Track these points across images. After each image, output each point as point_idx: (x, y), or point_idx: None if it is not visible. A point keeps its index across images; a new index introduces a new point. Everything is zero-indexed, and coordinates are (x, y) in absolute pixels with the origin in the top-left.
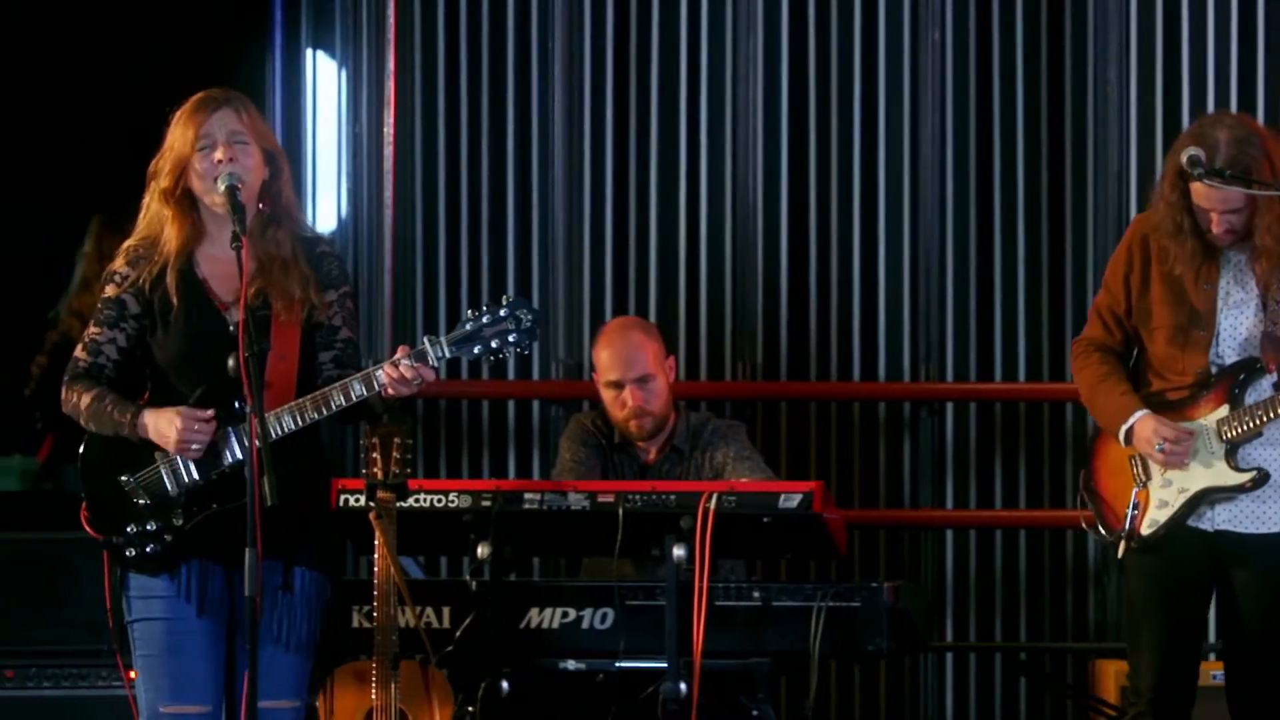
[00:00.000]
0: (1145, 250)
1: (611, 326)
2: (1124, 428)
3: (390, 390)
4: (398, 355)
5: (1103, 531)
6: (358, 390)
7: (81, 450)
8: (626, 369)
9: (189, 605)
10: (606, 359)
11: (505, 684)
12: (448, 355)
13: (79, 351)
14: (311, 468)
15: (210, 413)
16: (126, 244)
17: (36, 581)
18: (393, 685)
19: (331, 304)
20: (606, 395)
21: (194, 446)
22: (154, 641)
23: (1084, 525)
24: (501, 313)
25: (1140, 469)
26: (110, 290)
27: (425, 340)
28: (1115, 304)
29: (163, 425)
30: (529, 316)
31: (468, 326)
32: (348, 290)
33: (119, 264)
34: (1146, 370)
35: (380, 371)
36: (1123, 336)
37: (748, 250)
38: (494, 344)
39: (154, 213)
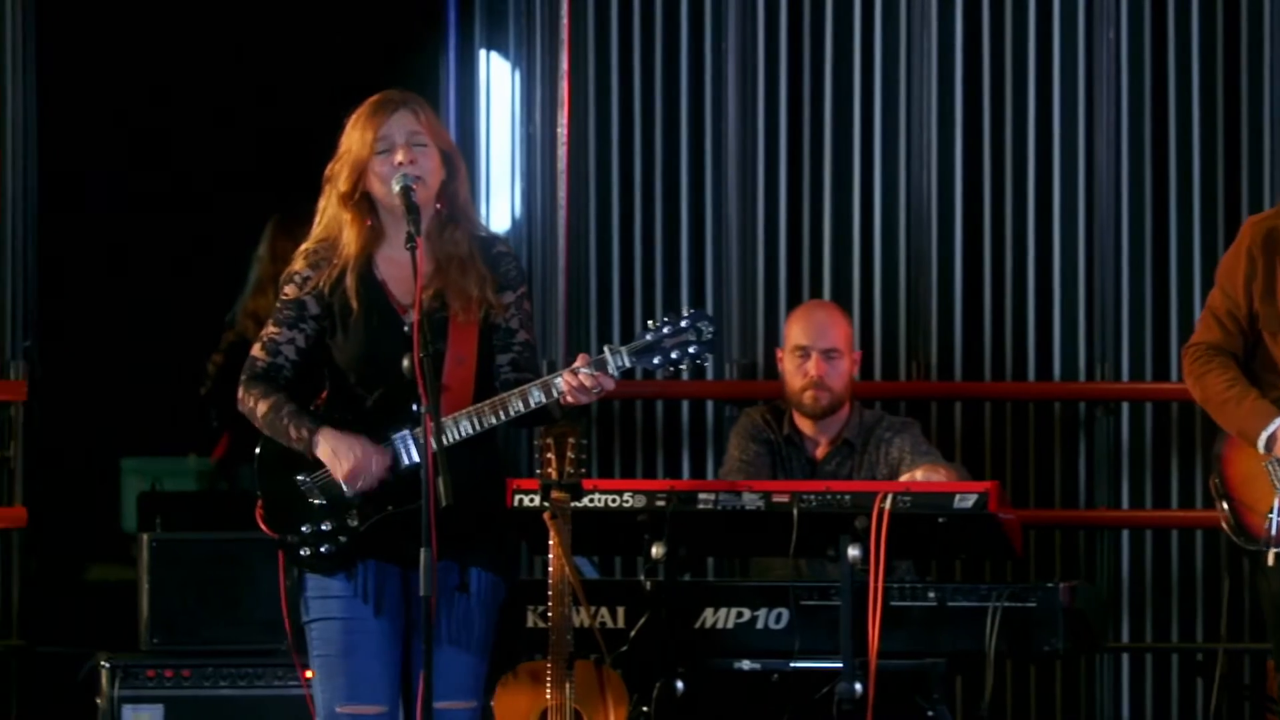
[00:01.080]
0: (1268, 253)
1: (809, 303)
2: (1265, 434)
3: (569, 398)
4: (577, 364)
5: (1242, 538)
6: (536, 397)
7: (258, 450)
8: (817, 337)
9: (365, 605)
10: (799, 327)
11: (680, 684)
12: (627, 365)
13: (257, 351)
14: (487, 468)
15: (389, 460)
16: (304, 246)
17: (213, 581)
18: (567, 685)
19: (509, 305)
20: (790, 363)
21: (360, 485)
22: (331, 641)
23: (1224, 528)
24: (682, 324)
25: (1278, 475)
26: (290, 291)
27: (605, 350)
28: (1235, 308)
29: (342, 450)
30: (709, 328)
31: (648, 337)
32: (524, 291)
33: (299, 265)
34: (1266, 373)
35: (559, 379)
36: (1243, 341)
37: (922, 249)
38: (674, 355)
39: (331, 216)
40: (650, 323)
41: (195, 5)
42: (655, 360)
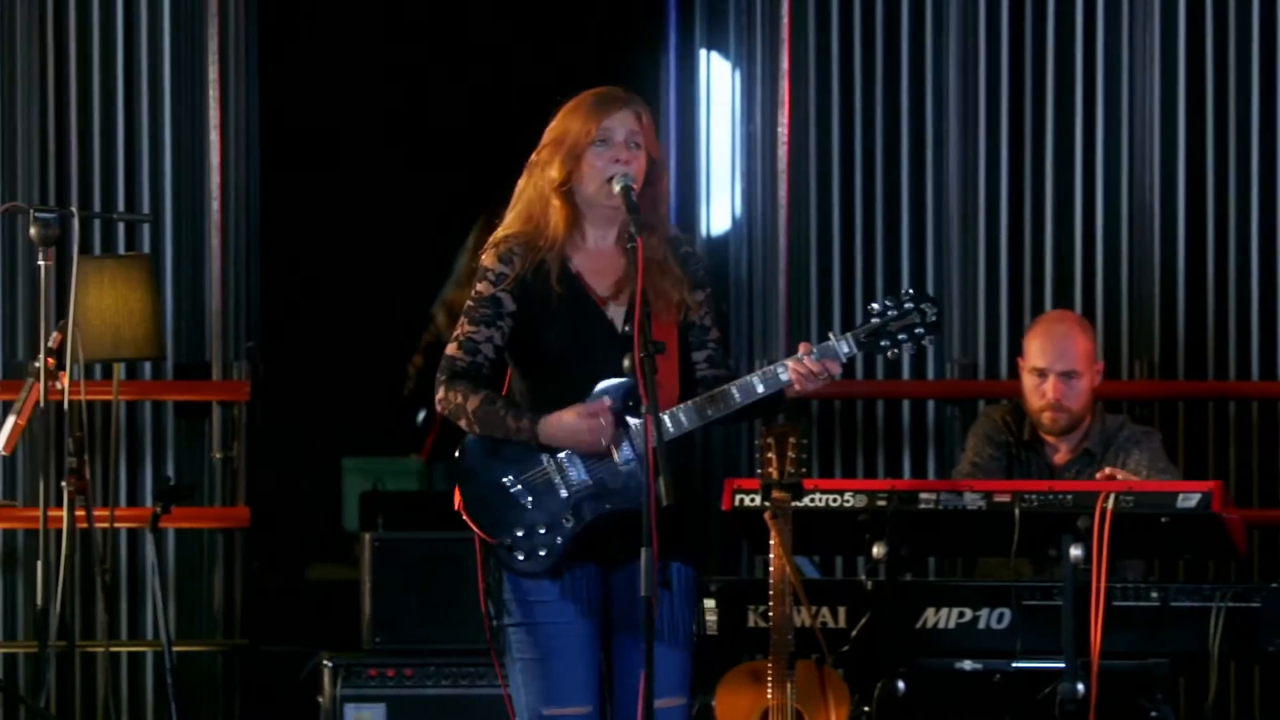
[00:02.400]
0: None
1: (1050, 316)
2: None
3: (796, 386)
4: (800, 352)
5: None
6: (758, 387)
7: (458, 453)
8: (1054, 360)
9: (571, 607)
10: (1037, 346)
11: (901, 684)
12: (854, 351)
13: (454, 350)
14: (683, 461)
15: (607, 403)
16: (495, 236)
17: (435, 580)
18: (788, 685)
19: (702, 304)
20: (1028, 381)
21: (604, 441)
22: (535, 645)
23: None
24: (906, 305)
25: None
26: (484, 288)
27: (831, 335)
28: None
29: (574, 424)
30: (933, 311)
31: (874, 321)
32: (711, 290)
33: (490, 260)
34: None
35: (781, 368)
36: None
37: (1144, 248)
38: (901, 337)
39: (530, 200)
40: (873, 307)
41: (415, 8)
42: (882, 344)
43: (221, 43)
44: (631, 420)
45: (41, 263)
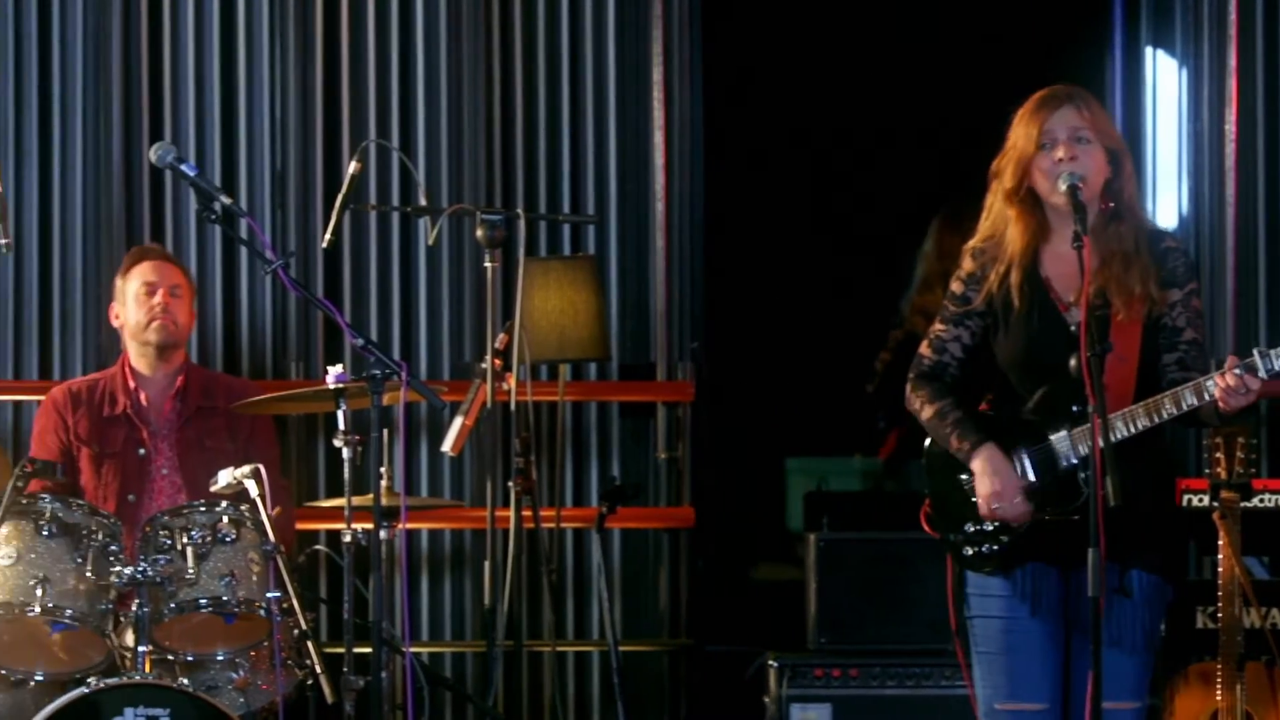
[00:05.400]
0: None
1: None
2: None
3: (1221, 403)
4: (1227, 365)
5: None
6: (1189, 400)
7: (926, 447)
8: None
9: (1023, 605)
10: None
11: None
12: (1275, 368)
13: (924, 349)
14: (1155, 468)
15: (1022, 506)
16: (971, 243)
17: (880, 581)
18: (1238, 687)
19: (1175, 303)
20: None
21: (994, 513)
22: (991, 639)
23: None
24: None
25: None
26: (956, 288)
27: (1255, 352)
28: None
29: (988, 476)
30: None
31: None
32: (1194, 289)
33: (966, 264)
34: None
35: (1210, 382)
36: None
37: None
38: None
39: (997, 212)
40: None
41: (854, 9)
42: None
43: (665, 44)
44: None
45: (488, 264)
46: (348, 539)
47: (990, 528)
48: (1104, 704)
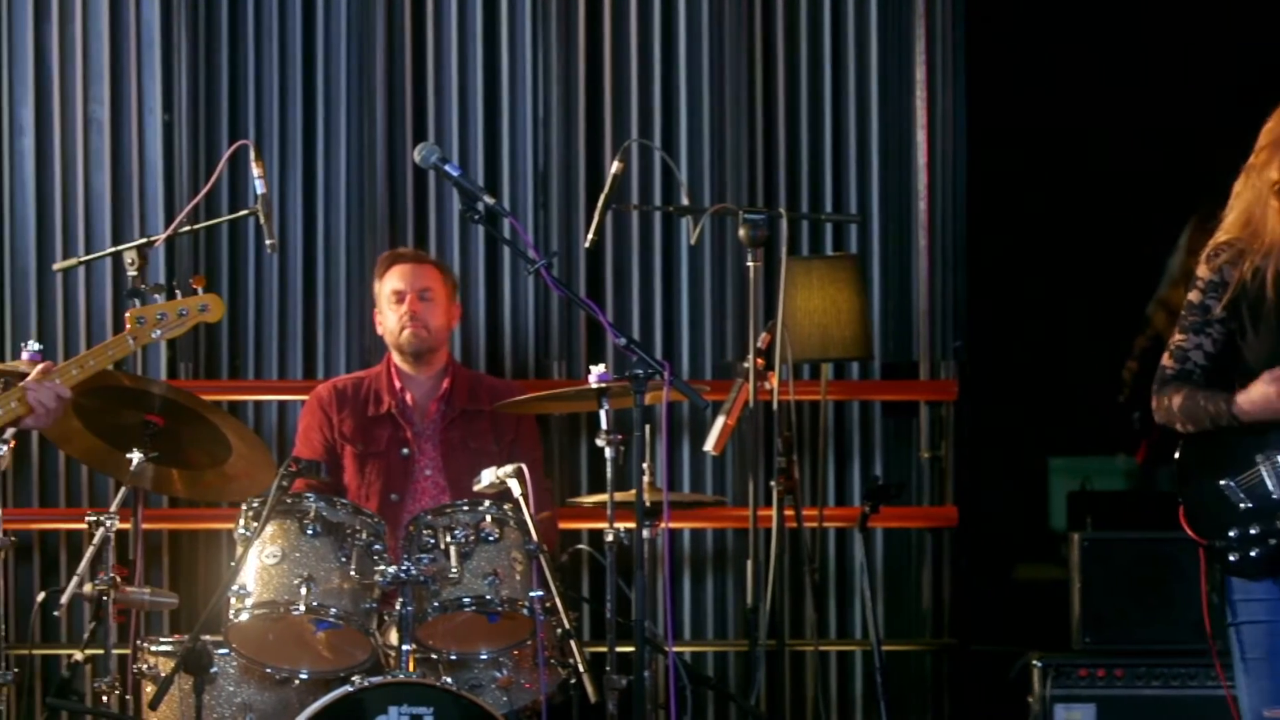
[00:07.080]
0: None
1: None
2: None
3: None
4: None
5: None
6: None
7: (1177, 455)
8: None
9: None
10: None
11: None
12: None
13: (1166, 359)
14: None
15: None
16: (1211, 244)
17: (1145, 581)
18: None
19: None
20: None
21: None
22: (1258, 645)
23: None
24: None
25: None
26: (1195, 295)
27: None
28: None
29: (1258, 394)
30: None
31: None
32: None
33: (1203, 270)
34: None
35: None
36: None
37: None
38: None
39: (1249, 204)
40: None
41: (1116, 7)
42: None
43: (929, 43)
44: None
45: (750, 263)
46: (610, 538)
47: (1255, 531)
48: None
